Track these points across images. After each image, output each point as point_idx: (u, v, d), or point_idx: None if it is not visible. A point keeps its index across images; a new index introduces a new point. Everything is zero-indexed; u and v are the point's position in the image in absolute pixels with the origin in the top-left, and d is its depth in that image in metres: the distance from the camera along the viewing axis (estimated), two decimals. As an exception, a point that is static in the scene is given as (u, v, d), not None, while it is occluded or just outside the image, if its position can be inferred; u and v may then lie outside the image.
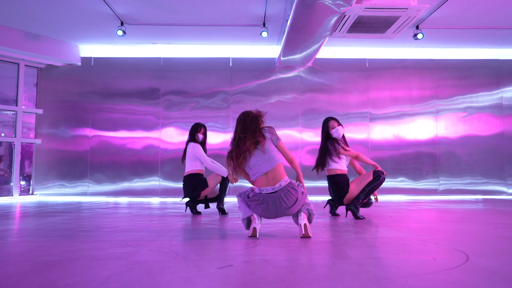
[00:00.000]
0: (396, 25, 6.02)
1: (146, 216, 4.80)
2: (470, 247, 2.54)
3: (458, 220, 4.19)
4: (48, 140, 8.61)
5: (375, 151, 8.79)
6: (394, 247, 2.56)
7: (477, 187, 8.80)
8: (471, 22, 7.30)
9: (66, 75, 8.76)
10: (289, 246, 2.64)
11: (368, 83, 8.93)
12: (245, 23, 7.26)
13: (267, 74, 8.88)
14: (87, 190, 8.56)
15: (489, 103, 9.01)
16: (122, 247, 2.56)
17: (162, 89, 8.78)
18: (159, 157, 8.61)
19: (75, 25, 7.42)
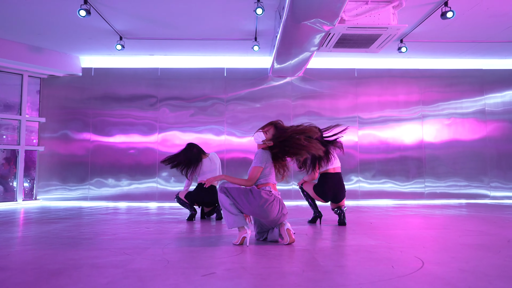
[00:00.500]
0: (379, 41, 6.36)
1: (144, 222, 5.09)
2: (430, 255, 2.82)
3: (433, 227, 4.47)
4: (50, 146, 8.96)
5: (363, 155, 9.13)
6: (362, 255, 2.85)
7: (461, 190, 9.15)
8: (453, 36, 7.63)
9: (67, 84, 9.10)
10: (268, 254, 2.94)
11: (357, 90, 9.26)
12: (238, 37, 7.60)
13: (260, 83, 9.23)
14: (88, 194, 8.90)
15: (472, 110, 9.37)
16: (119, 255, 2.87)
17: (160, 97, 9.12)
18: (157, 162, 8.93)
19: (76, 39, 7.78)
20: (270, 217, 3.34)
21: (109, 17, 6.66)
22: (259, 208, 3.30)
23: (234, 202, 3.32)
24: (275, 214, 3.34)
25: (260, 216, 3.37)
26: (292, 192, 8.90)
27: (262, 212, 3.32)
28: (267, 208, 3.31)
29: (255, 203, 3.29)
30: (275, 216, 3.35)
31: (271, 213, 3.33)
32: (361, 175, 9.10)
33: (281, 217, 3.40)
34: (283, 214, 3.41)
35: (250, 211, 3.34)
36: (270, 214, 3.32)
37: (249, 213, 3.38)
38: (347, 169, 8.90)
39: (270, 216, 3.33)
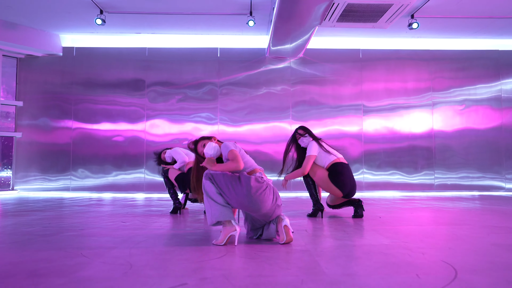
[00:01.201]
0: (389, 14, 5.70)
1: (122, 215, 4.58)
2: (460, 259, 2.28)
3: (451, 222, 3.92)
4: (28, 132, 8.31)
5: (368, 144, 8.52)
6: (376, 259, 2.30)
7: (473, 182, 8.54)
8: (468, 11, 6.97)
9: (47, 66, 8.43)
10: (259, 256, 2.38)
11: (361, 74, 8.62)
12: (231, 11, 6.94)
13: (257, 65, 8.57)
14: (70, 185, 8.29)
15: (487, 96, 8.70)
16: (74, 258, 2.35)
17: (148, 80, 8.47)
18: (144, 150, 8.33)
19: (54, 14, 7.07)
20: (262, 209, 2.73)
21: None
22: (248, 199, 2.69)
23: (220, 191, 2.73)
24: (268, 206, 2.74)
25: (251, 209, 2.75)
26: (291, 182, 8.29)
27: (252, 204, 2.70)
28: (258, 198, 2.70)
29: (243, 192, 2.69)
30: (269, 209, 2.75)
31: (263, 205, 2.72)
32: (365, 166, 8.48)
33: (276, 209, 2.80)
34: (277, 205, 2.81)
35: (238, 202, 2.73)
36: (262, 205, 2.72)
37: (237, 205, 2.76)
38: (350, 159, 8.29)
39: (262, 208, 2.73)
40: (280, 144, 8.36)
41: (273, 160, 8.35)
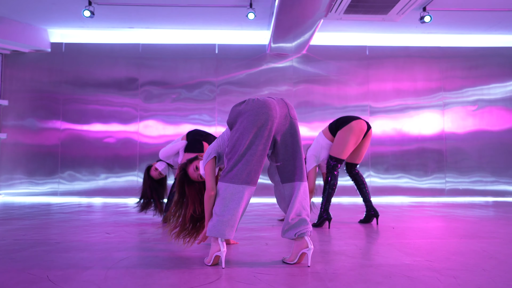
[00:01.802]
0: (401, 5, 5.22)
1: (109, 224, 4.15)
2: (501, 286, 1.85)
3: (475, 234, 3.44)
4: (14, 133, 7.81)
5: (375, 147, 8.03)
6: (398, 283, 1.88)
7: (487, 187, 8.04)
8: (484, 3, 6.49)
9: (34, 63, 7.94)
10: (259, 281, 1.95)
11: (368, 73, 8.14)
12: (230, 3, 6.45)
13: (257, 63, 8.09)
14: (58, 189, 7.80)
15: (501, 96, 8.20)
16: (36, 283, 1.95)
17: (141, 79, 7.99)
18: (137, 153, 7.85)
19: (39, 6, 6.59)
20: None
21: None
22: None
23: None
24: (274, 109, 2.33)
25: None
26: (293, 188, 7.82)
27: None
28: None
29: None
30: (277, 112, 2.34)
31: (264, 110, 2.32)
32: (372, 169, 8.00)
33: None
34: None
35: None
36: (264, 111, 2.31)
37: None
38: (356, 163, 7.83)
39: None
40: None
41: (274, 164, 7.87)
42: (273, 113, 2.27)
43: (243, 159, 2.22)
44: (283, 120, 2.35)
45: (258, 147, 2.24)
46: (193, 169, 2.62)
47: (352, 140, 3.89)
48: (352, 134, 3.88)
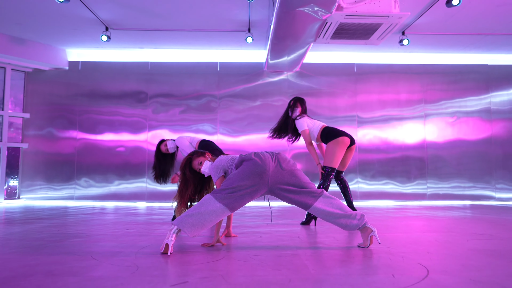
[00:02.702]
0: (380, 32, 6.00)
1: (126, 223, 4.79)
2: (435, 262, 2.50)
3: (437, 230, 4.13)
4: (34, 143, 8.60)
5: (362, 154, 8.78)
6: (359, 262, 2.54)
7: (465, 191, 8.79)
8: (457, 28, 7.28)
9: (53, 79, 8.74)
10: (253, 259, 2.61)
11: (356, 87, 8.92)
12: (230, 28, 7.25)
13: (255, 78, 8.88)
14: (74, 194, 8.54)
15: (477, 108, 9.00)
16: (84, 261, 2.56)
17: (150, 93, 8.77)
18: (146, 160, 8.59)
19: (61, 30, 7.40)
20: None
21: (92, 5, 6.28)
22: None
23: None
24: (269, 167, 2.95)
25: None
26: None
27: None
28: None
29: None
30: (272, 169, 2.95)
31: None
32: (360, 175, 8.74)
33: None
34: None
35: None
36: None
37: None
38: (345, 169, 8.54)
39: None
40: (277, 154, 8.59)
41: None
42: (266, 175, 2.93)
43: (237, 193, 2.89)
44: (277, 173, 2.99)
45: (250, 192, 2.92)
46: (198, 163, 3.27)
47: (339, 151, 4.64)
48: (338, 147, 4.63)
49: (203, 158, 3.28)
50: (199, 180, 3.35)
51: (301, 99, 5.00)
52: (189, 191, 3.27)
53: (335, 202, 3.02)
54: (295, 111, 4.92)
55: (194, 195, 3.34)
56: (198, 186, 3.36)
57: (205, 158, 3.28)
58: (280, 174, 2.95)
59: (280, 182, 2.95)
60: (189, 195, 3.27)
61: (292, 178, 2.98)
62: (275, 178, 2.93)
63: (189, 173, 3.27)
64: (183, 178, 3.28)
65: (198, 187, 3.36)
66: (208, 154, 3.34)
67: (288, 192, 2.98)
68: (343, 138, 4.65)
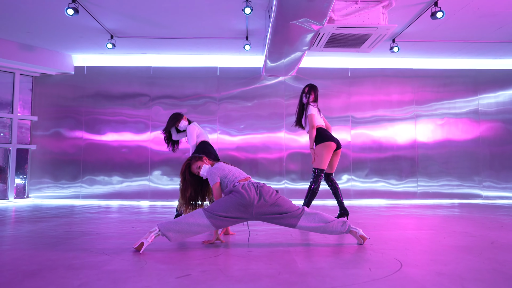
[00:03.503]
0: (370, 41, 6.33)
1: (132, 221, 5.07)
2: (410, 257, 2.75)
3: (419, 228, 4.40)
4: (42, 144, 8.94)
5: (356, 154, 9.12)
6: (343, 257, 2.81)
7: (453, 190, 9.14)
8: (445, 36, 7.61)
9: (60, 83, 9.07)
10: (249, 255, 2.90)
11: (350, 90, 9.24)
12: (229, 36, 7.58)
13: (253, 82, 9.21)
14: (80, 192, 8.88)
15: (466, 110, 9.35)
16: (98, 256, 2.86)
17: (152, 95, 9.10)
18: (149, 160, 8.92)
19: (67, 38, 7.75)
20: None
21: (99, 16, 6.63)
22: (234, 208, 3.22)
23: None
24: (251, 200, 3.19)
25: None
26: (285, 191, 8.89)
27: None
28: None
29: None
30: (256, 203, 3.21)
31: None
32: (353, 174, 9.08)
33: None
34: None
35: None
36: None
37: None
38: (339, 168, 8.87)
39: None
40: (274, 153, 8.95)
41: (268, 169, 8.93)
42: (251, 208, 3.21)
43: (224, 218, 3.19)
44: (261, 206, 3.25)
45: (235, 220, 3.23)
46: (196, 167, 3.57)
47: (327, 154, 4.96)
48: (326, 150, 4.96)
49: (201, 163, 3.57)
50: (198, 182, 3.66)
51: (315, 87, 5.32)
52: (189, 193, 3.58)
53: (317, 216, 3.29)
54: (308, 97, 5.21)
55: (195, 196, 3.66)
56: (198, 187, 3.67)
57: (203, 163, 3.57)
58: (263, 206, 3.21)
59: (263, 213, 3.23)
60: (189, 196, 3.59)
61: (274, 208, 3.24)
62: (258, 210, 3.21)
63: (188, 177, 3.59)
64: (184, 182, 3.59)
65: (198, 188, 3.67)
66: (205, 158, 3.62)
67: (272, 219, 3.27)
68: (330, 143, 4.96)
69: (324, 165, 4.95)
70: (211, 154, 5.05)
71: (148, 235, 3.06)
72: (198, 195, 3.71)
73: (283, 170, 8.97)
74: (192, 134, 5.10)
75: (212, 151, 5.10)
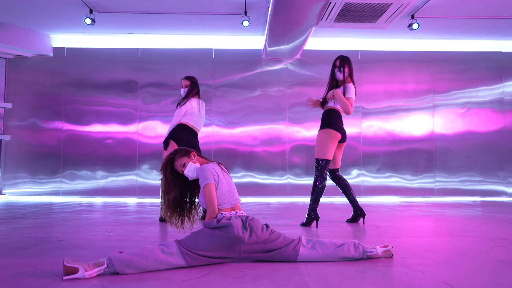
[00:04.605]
0: (388, 14, 5.49)
1: (109, 223, 4.40)
2: (463, 279, 2.10)
3: (452, 233, 3.70)
4: (17, 135, 8.09)
5: (366, 147, 8.30)
6: (371, 279, 2.12)
7: (475, 186, 8.31)
8: (470, 11, 6.75)
9: (37, 67, 8.20)
10: (245, 275, 2.21)
11: (360, 76, 8.39)
12: (225, 11, 6.72)
13: (253, 67, 8.35)
14: (60, 188, 8.07)
15: (489, 98, 8.47)
16: (42, 277, 2.18)
17: (140, 82, 8.25)
18: (137, 153, 8.11)
19: (42, 13, 6.85)
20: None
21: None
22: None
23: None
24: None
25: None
26: (288, 187, 8.12)
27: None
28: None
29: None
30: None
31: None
32: (364, 169, 8.27)
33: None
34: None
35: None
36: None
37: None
38: (348, 162, 8.09)
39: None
40: (276, 146, 8.17)
41: (269, 163, 8.15)
42: (238, 246, 2.46)
43: (203, 258, 2.39)
44: (251, 243, 2.50)
45: (217, 261, 2.45)
46: (180, 164, 2.76)
47: (332, 144, 4.23)
48: (331, 139, 4.22)
49: (187, 159, 2.77)
50: (184, 182, 2.85)
51: (347, 58, 4.39)
52: (173, 195, 2.76)
53: (317, 244, 2.59)
54: (343, 71, 4.33)
55: (180, 200, 2.83)
56: (185, 188, 2.86)
57: (190, 159, 2.78)
58: (254, 243, 2.52)
59: (253, 251, 2.52)
60: (173, 199, 2.77)
61: (267, 245, 2.53)
62: (248, 248, 2.50)
63: (170, 176, 2.76)
64: (165, 181, 2.77)
65: (184, 190, 2.86)
66: (194, 153, 2.83)
67: (264, 257, 2.55)
68: (336, 133, 4.27)
69: (330, 155, 4.24)
70: (181, 141, 4.41)
71: (89, 267, 2.20)
72: (185, 198, 2.87)
73: (285, 164, 8.18)
74: (181, 110, 4.56)
75: (184, 138, 4.45)
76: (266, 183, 8.14)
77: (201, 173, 2.65)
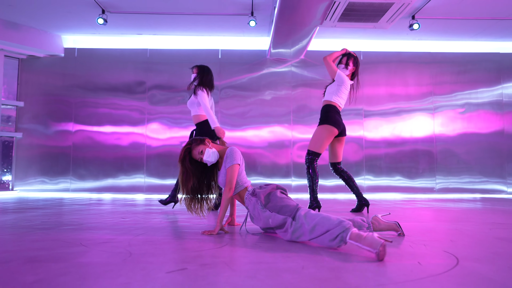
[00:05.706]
0: (390, 13, 5.71)
1: (122, 212, 4.50)
2: (462, 250, 2.24)
3: (452, 220, 3.84)
4: (29, 134, 8.29)
5: (369, 149, 8.48)
6: None
7: (475, 186, 8.48)
8: (469, 12, 6.98)
9: (48, 67, 8.42)
10: (259, 246, 2.33)
11: (362, 77, 8.58)
12: (232, 12, 6.95)
13: (258, 68, 8.56)
14: (70, 186, 8.25)
15: (488, 99, 8.66)
16: (72, 247, 2.29)
17: (148, 83, 8.46)
18: (145, 153, 8.29)
19: (54, 14, 7.09)
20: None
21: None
22: None
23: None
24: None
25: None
26: (292, 187, 8.28)
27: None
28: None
29: None
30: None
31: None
32: (366, 170, 8.44)
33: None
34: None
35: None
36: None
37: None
38: (351, 162, 8.27)
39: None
40: (281, 147, 8.33)
41: (274, 164, 8.31)
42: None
43: None
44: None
45: None
46: (198, 152, 2.91)
47: (327, 139, 4.42)
48: (327, 134, 4.42)
49: (203, 147, 2.93)
50: (201, 170, 3.02)
51: (355, 57, 4.89)
52: (192, 183, 2.92)
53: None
54: (346, 68, 4.87)
55: (199, 186, 3.01)
56: (202, 176, 3.02)
57: (206, 146, 2.94)
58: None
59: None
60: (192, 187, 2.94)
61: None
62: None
63: (189, 165, 2.92)
64: (184, 171, 2.92)
65: (202, 177, 3.02)
66: (208, 141, 2.99)
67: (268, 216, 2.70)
68: (333, 128, 4.46)
69: (322, 149, 4.44)
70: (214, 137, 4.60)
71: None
72: (203, 186, 3.04)
73: (290, 164, 8.35)
74: (206, 99, 4.83)
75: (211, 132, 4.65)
76: (271, 183, 8.29)
77: (230, 154, 2.85)
